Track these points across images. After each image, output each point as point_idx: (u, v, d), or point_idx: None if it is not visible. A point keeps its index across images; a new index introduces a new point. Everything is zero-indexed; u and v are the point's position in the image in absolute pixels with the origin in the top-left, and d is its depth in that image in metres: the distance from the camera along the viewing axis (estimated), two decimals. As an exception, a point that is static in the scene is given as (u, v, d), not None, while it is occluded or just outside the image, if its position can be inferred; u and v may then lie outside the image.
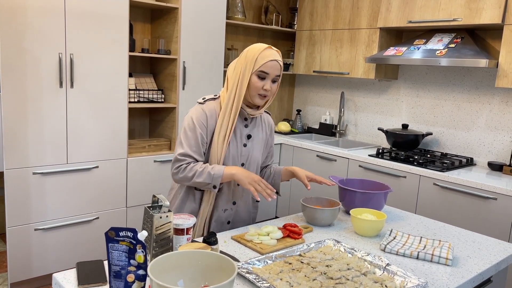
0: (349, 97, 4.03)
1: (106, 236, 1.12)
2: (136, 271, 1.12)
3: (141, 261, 1.11)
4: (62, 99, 2.71)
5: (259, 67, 1.65)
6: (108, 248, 1.13)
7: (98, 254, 3.03)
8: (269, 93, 1.69)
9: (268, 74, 1.66)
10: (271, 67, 1.66)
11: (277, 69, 1.68)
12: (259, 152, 1.83)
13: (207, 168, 1.66)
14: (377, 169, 3.16)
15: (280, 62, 1.69)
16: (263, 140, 1.85)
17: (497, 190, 2.57)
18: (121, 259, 1.12)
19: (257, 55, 1.65)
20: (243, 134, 1.76)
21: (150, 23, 3.44)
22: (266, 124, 1.87)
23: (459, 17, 2.92)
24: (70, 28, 2.66)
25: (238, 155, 1.75)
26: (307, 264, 1.38)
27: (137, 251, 1.11)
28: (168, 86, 3.34)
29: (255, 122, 1.81)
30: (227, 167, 1.66)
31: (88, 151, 2.86)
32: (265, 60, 1.65)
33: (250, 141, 1.78)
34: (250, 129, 1.78)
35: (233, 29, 3.95)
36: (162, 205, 1.30)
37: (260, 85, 1.66)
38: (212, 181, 1.65)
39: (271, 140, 1.91)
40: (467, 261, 1.49)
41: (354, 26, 3.62)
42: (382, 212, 1.71)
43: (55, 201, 2.77)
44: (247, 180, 1.62)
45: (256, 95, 1.68)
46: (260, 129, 1.83)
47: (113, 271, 1.13)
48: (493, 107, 3.13)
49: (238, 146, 1.75)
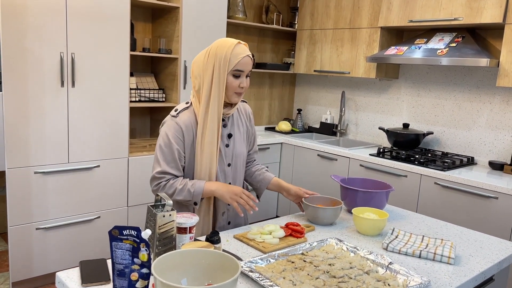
0: (349, 97, 4.03)
1: (110, 234, 1.12)
2: (140, 269, 1.12)
3: (145, 260, 1.12)
4: (64, 99, 2.71)
5: (233, 66, 1.60)
6: (112, 247, 1.13)
7: (100, 254, 3.03)
8: (244, 89, 1.66)
9: (243, 71, 1.62)
10: (245, 63, 1.61)
11: (250, 64, 1.64)
12: (243, 146, 1.79)
13: (187, 185, 1.63)
14: (378, 168, 3.16)
15: (251, 56, 1.65)
16: (244, 133, 1.81)
17: (498, 189, 2.58)
18: (124, 257, 1.13)
19: (229, 54, 1.59)
20: (224, 135, 1.72)
21: (151, 22, 3.44)
22: (243, 114, 1.83)
23: (460, 16, 2.92)
24: (72, 27, 2.67)
25: (223, 158, 1.72)
26: (310, 263, 1.38)
27: (140, 249, 1.11)
28: (169, 85, 3.34)
29: (232, 119, 1.76)
30: (207, 183, 1.64)
31: (89, 151, 2.86)
32: (239, 58, 1.60)
33: (232, 139, 1.75)
34: (229, 127, 1.74)
35: (233, 28, 3.96)
36: (165, 203, 1.30)
37: (237, 84, 1.62)
38: (192, 198, 1.63)
39: (251, 128, 1.86)
40: (469, 260, 1.49)
41: (355, 25, 3.62)
42: (384, 211, 1.71)
43: (56, 201, 2.77)
44: (228, 196, 1.61)
45: (233, 94, 1.64)
46: (240, 123, 1.79)
47: (117, 269, 1.14)
48: (494, 106, 3.13)
49: (221, 149, 1.71)
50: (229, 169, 1.75)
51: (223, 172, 1.73)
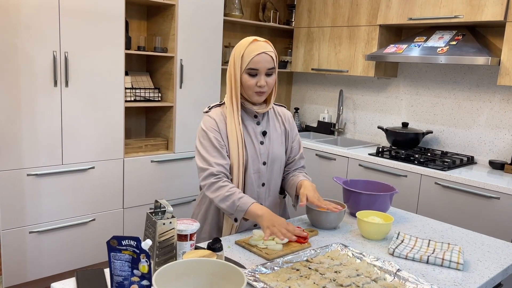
0: (347, 95, 3.99)
1: (108, 245, 1.07)
2: (140, 281, 1.07)
3: (145, 271, 1.06)
4: (57, 99, 2.64)
5: (246, 64, 1.55)
6: (110, 258, 1.08)
7: (96, 257, 2.97)
8: (265, 89, 1.58)
9: (258, 70, 1.56)
10: (260, 61, 1.55)
11: (268, 61, 1.56)
12: (280, 148, 1.73)
13: (234, 196, 1.52)
14: (377, 168, 3.12)
15: (270, 53, 1.57)
16: (281, 135, 1.75)
17: (500, 189, 2.55)
18: (124, 269, 1.07)
19: (242, 51, 1.56)
20: (257, 132, 1.67)
21: (146, 20, 3.37)
22: (282, 117, 1.78)
23: (460, 14, 2.89)
24: (65, 25, 2.59)
25: (258, 155, 1.66)
26: (315, 270, 1.33)
27: (141, 260, 1.06)
28: (164, 84, 3.28)
29: (268, 118, 1.71)
30: (255, 204, 1.50)
31: (83, 152, 2.80)
32: (252, 55, 1.54)
33: (267, 137, 1.69)
34: (264, 125, 1.70)
35: (230, 26, 3.90)
36: (165, 210, 1.25)
37: (253, 83, 1.57)
38: (234, 212, 1.53)
39: (291, 132, 1.79)
40: (477, 265, 1.45)
41: (353, 23, 3.57)
42: (389, 215, 1.67)
43: (50, 203, 2.70)
44: (267, 224, 1.45)
45: (252, 93, 1.59)
46: (276, 124, 1.75)
47: (116, 281, 1.08)
48: (494, 105, 3.10)
49: (255, 146, 1.66)
50: (264, 168, 1.68)
51: (257, 170, 1.67)
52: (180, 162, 3.29)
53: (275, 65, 1.61)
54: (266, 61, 1.56)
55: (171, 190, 3.27)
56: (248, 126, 1.66)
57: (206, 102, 3.38)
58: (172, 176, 3.26)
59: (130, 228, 3.10)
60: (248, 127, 1.66)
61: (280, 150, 1.73)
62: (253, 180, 1.67)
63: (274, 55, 1.60)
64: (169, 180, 3.25)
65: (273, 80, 1.61)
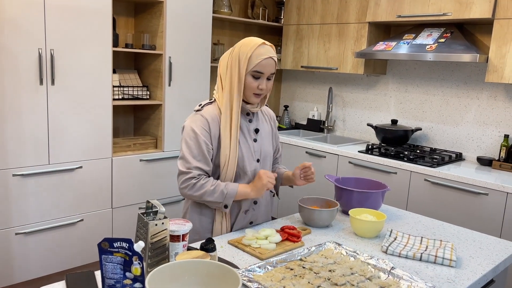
0: (337, 93, 3.99)
1: (99, 247, 1.04)
2: (133, 284, 1.05)
3: (138, 274, 1.04)
4: (43, 97, 2.59)
5: (253, 66, 1.56)
6: (102, 260, 1.05)
7: (84, 258, 2.92)
8: (264, 92, 1.62)
9: (263, 73, 1.58)
10: (266, 65, 1.57)
11: (272, 67, 1.60)
12: (270, 146, 1.77)
13: (219, 186, 1.57)
14: (367, 165, 3.13)
15: (275, 58, 1.61)
16: (270, 133, 1.79)
17: (489, 185, 2.57)
18: (115, 271, 1.05)
19: (250, 53, 1.55)
20: (250, 129, 1.69)
21: (134, 17, 3.32)
22: (268, 116, 1.81)
23: (449, 11, 2.90)
24: (50, 22, 2.54)
25: (252, 152, 1.67)
26: (310, 269, 1.32)
27: (133, 263, 1.04)
28: (153, 82, 3.24)
29: (257, 116, 1.74)
30: (240, 185, 1.60)
31: (71, 151, 2.75)
32: (260, 59, 1.56)
33: (259, 135, 1.71)
34: (256, 123, 1.72)
35: (219, 23, 3.86)
36: (157, 211, 1.23)
37: (255, 85, 1.59)
38: (224, 200, 1.57)
39: (275, 131, 1.85)
40: (470, 262, 1.46)
41: (342, 20, 3.57)
42: (382, 212, 1.67)
43: (36, 204, 2.65)
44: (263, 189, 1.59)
45: (251, 95, 1.61)
46: (265, 122, 1.77)
47: (107, 284, 1.06)
48: (481, 102, 3.13)
49: (249, 143, 1.67)
50: (258, 165, 1.70)
51: (253, 167, 1.67)
52: (169, 161, 3.26)
53: (275, 70, 1.64)
54: (271, 66, 1.59)
55: (161, 189, 3.24)
56: (242, 124, 1.67)
57: (196, 100, 3.35)
58: (161, 175, 3.23)
59: (119, 228, 3.06)
60: (242, 125, 1.66)
61: (269, 147, 1.77)
62: (250, 177, 1.66)
63: (277, 60, 1.63)
64: (158, 179, 3.21)
65: (271, 84, 1.65)
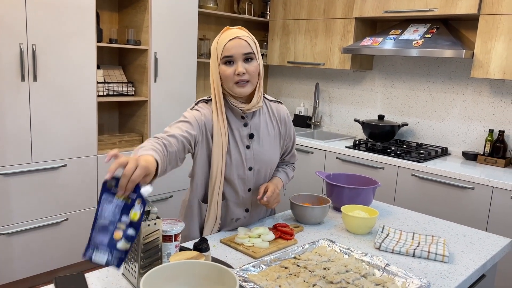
0: (323, 88, 3.99)
1: (104, 186, 0.99)
2: (126, 230, 1.00)
3: (135, 219, 0.99)
4: (25, 94, 2.51)
5: (221, 53, 1.45)
6: (101, 199, 1.00)
7: (70, 258, 2.86)
8: (246, 76, 1.45)
9: (233, 56, 1.44)
10: (233, 47, 1.44)
11: (242, 46, 1.44)
12: (271, 152, 1.61)
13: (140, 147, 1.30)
14: (355, 160, 3.13)
15: (244, 37, 1.45)
16: (275, 136, 1.62)
17: (474, 179, 2.60)
18: (113, 213, 1.00)
19: (217, 42, 1.47)
20: (243, 135, 1.55)
21: (118, 11, 3.25)
22: (276, 116, 1.64)
23: (435, 7, 2.92)
24: (32, 17, 2.46)
25: (243, 160, 1.55)
26: (304, 267, 1.31)
27: (134, 206, 0.98)
28: (138, 78, 3.18)
29: (258, 118, 1.58)
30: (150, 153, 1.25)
31: (54, 149, 2.68)
32: (223, 43, 1.45)
33: (254, 141, 1.57)
34: (252, 127, 1.57)
35: (205, 18, 3.82)
36: (149, 211, 1.19)
37: (231, 72, 1.44)
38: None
39: (286, 134, 1.67)
40: (462, 257, 1.47)
41: (329, 15, 3.56)
42: (374, 209, 1.67)
43: (20, 204, 2.58)
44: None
45: (233, 85, 1.46)
46: (269, 125, 1.61)
47: (100, 224, 1.01)
48: (466, 97, 3.16)
49: (240, 150, 1.54)
50: (250, 174, 1.57)
51: (241, 178, 1.56)
52: (155, 158, 3.21)
53: (254, 50, 1.47)
54: (241, 46, 1.44)
55: (147, 187, 3.19)
56: (234, 129, 1.54)
57: (182, 96, 3.30)
58: (148, 173, 3.17)
59: (105, 227, 3.01)
60: (234, 130, 1.54)
61: (271, 154, 1.62)
62: (236, 186, 1.57)
63: (251, 40, 1.48)
64: (144, 177, 3.16)
65: (254, 67, 1.47)
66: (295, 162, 1.82)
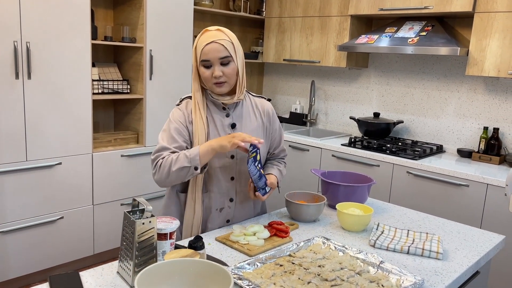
0: (319, 86, 3.99)
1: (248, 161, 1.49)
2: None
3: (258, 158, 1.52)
4: (19, 92, 2.50)
5: (199, 56, 1.52)
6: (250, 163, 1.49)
7: (65, 256, 2.86)
8: (223, 78, 1.52)
9: (209, 60, 1.50)
10: (209, 51, 1.49)
11: (218, 51, 1.49)
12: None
13: (181, 153, 1.49)
14: (350, 158, 3.14)
15: (221, 41, 1.49)
16: (258, 127, 1.67)
17: (469, 177, 2.61)
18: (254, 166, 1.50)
19: (196, 43, 1.54)
20: (225, 124, 1.61)
21: (113, 9, 3.24)
22: (260, 110, 1.70)
23: (430, 5, 2.92)
24: (26, 14, 2.45)
25: None
26: (299, 265, 1.31)
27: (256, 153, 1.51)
28: (133, 76, 3.17)
29: (241, 111, 1.65)
30: (201, 145, 1.50)
31: (49, 147, 2.67)
32: (201, 46, 1.51)
33: (236, 130, 1.62)
34: (234, 118, 1.63)
35: (200, 15, 3.81)
36: (144, 209, 1.19)
37: (209, 74, 1.52)
38: (190, 162, 1.46)
39: (271, 127, 1.72)
40: (456, 254, 1.47)
41: (324, 13, 3.56)
42: (368, 206, 1.67)
43: (14, 202, 2.57)
44: (228, 143, 1.45)
45: (212, 85, 1.55)
46: (252, 116, 1.67)
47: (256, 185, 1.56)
48: (461, 94, 3.17)
49: None
50: (232, 162, 1.61)
51: (223, 165, 1.60)
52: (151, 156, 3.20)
53: (231, 53, 1.51)
54: (216, 50, 1.49)
55: (142, 185, 3.19)
56: (216, 119, 1.60)
57: (177, 94, 3.30)
58: (143, 171, 3.17)
59: (101, 225, 3.01)
60: (215, 120, 1.60)
61: None
62: (219, 175, 1.61)
63: (228, 42, 1.51)
64: (140, 175, 3.16)
65: (231, 70, 1.53)
66: (285, 157, 1.85)
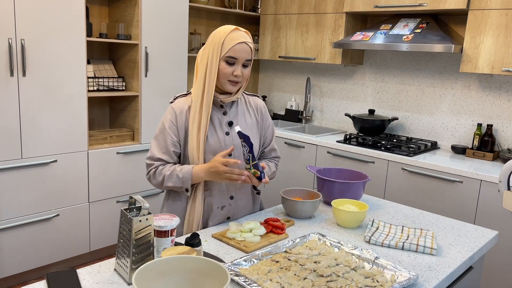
0: (314, 83, 4.00)
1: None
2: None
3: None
4: (14, 89, 2.49)
5: (226, 52, 1.52)
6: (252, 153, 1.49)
7: (61, 254, 2.86)
8: (240, 79, 1.57)
9: (237, 59, 1.54)
10: (240, 50, 1.53)
11: (247, 52, 1.55)
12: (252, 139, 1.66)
13: (175, 170, 1.56)
14: (346, 155, 3.16)
15: (250, 44, 1.56)
16: (253, 126, 1.70)
17: (463, 173, 2.64)
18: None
19: (223, 38, 1.53)
20: (223, 122, 1.63)
21: (108, 6, 3.23)
22: (254, 107, 1.73)
23: (424, 2, 2.94)
24: (21, 11, 2.44)
25: (223, 146, 1.61)
26: (295, 261, 1.33)
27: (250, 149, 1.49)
28: (129, 73, 3.17)
29: (236, 108, 1.67)
30: (196, 167, 1.55)
31: (45, 145, 2.67)
32: (232, 43, 1.52)
33: (233, 128, 1.64)
34: (231, 116, 1.65)
35: (195, 12, 3.80)
36: (140, 206, 1.20)
37: (230, 71, 1.54)
38: (182, 184, 1.56)
39: (263, 123, 1.75)
40: (450, 250, 1.49)
41: (320, 10, 3.57)
42: (364, 203, 1.69)
43: (10, 199, 2.57)
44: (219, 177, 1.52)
45: (226, 82, 1.56)
46: (247, 114, 1.69)
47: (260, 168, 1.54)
48: (456, 91, 3.19)
49: (219, 137, 1.61)
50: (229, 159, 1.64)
51: None
52: (146, 153, 3.19)
53: (252, 58, 1.58)
54: (246, 51, 1.55)
55: (138, 182, 3.19)
56: (214, 116, 1.62)
57: (173, 91, 3.29)
58: (139, 168, 3.17)
59: (97, 223, 3.01)
60: (213, 117, 1.62)
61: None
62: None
63: (253, 47, 1.59)
64: (136, 172, 3.16)
65: (248, 72, 1.60)
66: (277, 157, 1.83)
